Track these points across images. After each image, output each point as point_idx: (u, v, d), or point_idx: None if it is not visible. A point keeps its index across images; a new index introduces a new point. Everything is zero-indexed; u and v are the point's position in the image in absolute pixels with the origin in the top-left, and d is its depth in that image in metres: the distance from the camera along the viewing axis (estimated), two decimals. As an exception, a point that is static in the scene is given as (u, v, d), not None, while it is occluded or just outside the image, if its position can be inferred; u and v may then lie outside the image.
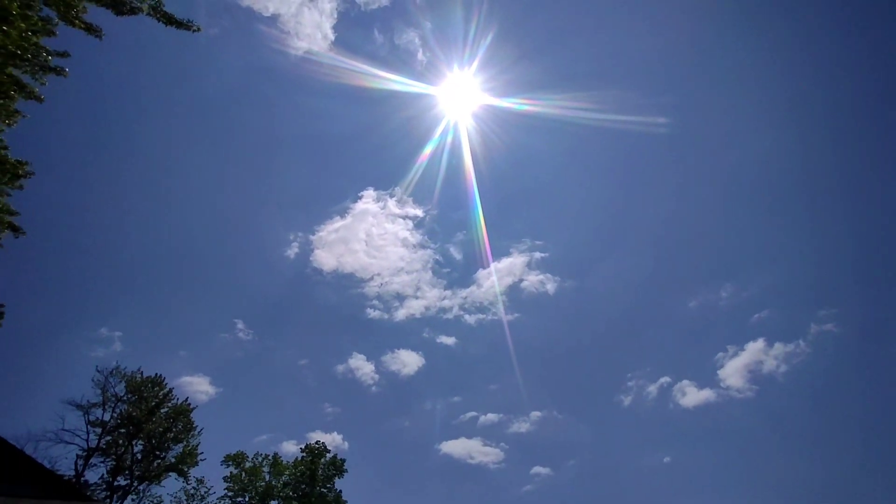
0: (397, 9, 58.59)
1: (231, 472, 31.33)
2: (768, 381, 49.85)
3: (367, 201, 61.30)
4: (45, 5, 10.22)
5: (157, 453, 28.90)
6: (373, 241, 60.37)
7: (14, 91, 10.60)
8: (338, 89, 57.09)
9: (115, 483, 27.50)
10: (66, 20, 10.42)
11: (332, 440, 43.96)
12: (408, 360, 56.18)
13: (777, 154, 60.89)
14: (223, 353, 55.34)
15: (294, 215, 65.81)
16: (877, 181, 57.44)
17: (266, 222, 65.19)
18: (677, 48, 60.57)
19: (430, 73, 53.69)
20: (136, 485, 28.08)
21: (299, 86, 59.28)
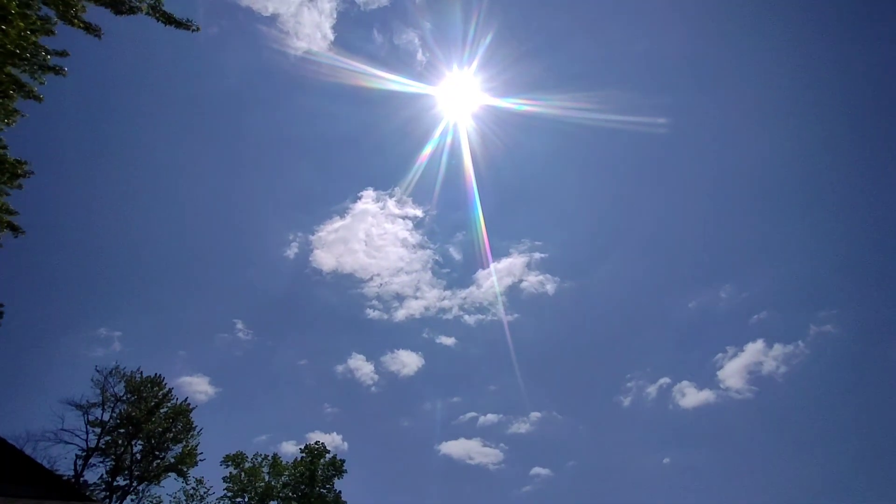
0: (397, 9, 58.71)
1: (230, 473, 31.35)
2: (768, 382, 49.95)
3: (367, 201, 61.42)
4: (44, 4, 10.19)
5: (157, 453, 28.86)
6: (372, 241, 60.47)
7: (13, 90, 10.59)
8: (337, 89, 57.22)
9: (115, 483, 27.46)
10: (65, 19, 10.40)
11: (332, 440, 44.07)
12: (407, 361, 56.29)
13: (776, 155, 61.01)
14: (223, 353, 55.46)
15: (294, 215, 65.92)
16: (876, 182, 57.54)
17: (266, 222, 65.29)
18: (677, 49, 60.67)
19: (430, 73, 53.82)
20: (135, 485, 28.04)
21: (299, 86, 59.42)
